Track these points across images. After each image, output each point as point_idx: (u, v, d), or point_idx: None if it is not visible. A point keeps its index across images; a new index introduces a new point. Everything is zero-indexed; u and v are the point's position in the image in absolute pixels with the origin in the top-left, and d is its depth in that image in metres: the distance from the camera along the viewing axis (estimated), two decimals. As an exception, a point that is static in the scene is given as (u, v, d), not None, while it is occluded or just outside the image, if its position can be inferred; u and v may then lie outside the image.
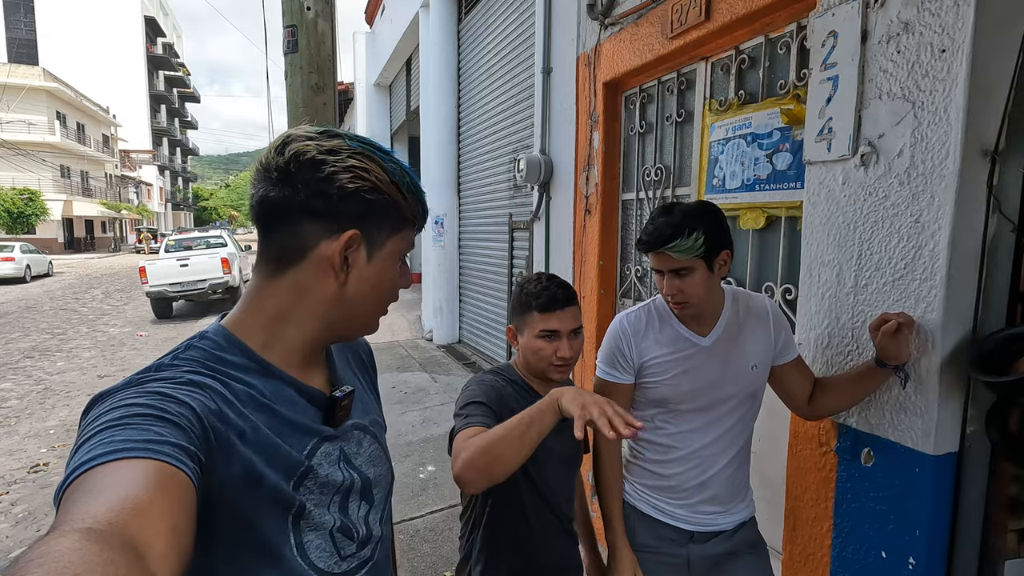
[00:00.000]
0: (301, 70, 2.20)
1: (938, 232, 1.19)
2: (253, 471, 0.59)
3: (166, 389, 0.55)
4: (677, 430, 1.37)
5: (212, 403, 0.58)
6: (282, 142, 0.64)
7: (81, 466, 0.46)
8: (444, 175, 6.23)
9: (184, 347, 0.64)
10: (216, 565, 0.59)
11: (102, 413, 0.52)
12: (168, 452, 0.48)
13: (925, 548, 1.26)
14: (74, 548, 0.35)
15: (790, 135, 1.75)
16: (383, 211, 0.67)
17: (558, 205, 3.18)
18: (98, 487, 0.44)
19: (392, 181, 0.67)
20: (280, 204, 0.64)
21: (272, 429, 0.63)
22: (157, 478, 0.46)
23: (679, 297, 1.28)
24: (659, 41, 2.18)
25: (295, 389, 0.68)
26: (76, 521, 0.39)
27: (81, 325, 9.93)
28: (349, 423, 0.74)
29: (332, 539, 0.68)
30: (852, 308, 1.39)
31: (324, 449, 0.69)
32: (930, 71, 1.20)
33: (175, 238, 12.64)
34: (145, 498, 0.43)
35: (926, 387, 1.23)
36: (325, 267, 0.66)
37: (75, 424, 5.15)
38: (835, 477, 1.45)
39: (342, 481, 0.70)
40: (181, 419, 0.53)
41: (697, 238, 1.22)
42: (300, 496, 0.64)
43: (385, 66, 9.20)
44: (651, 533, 1.41)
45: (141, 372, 0.59)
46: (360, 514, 0.73)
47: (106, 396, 0.55)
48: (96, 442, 0.48)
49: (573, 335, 1.28)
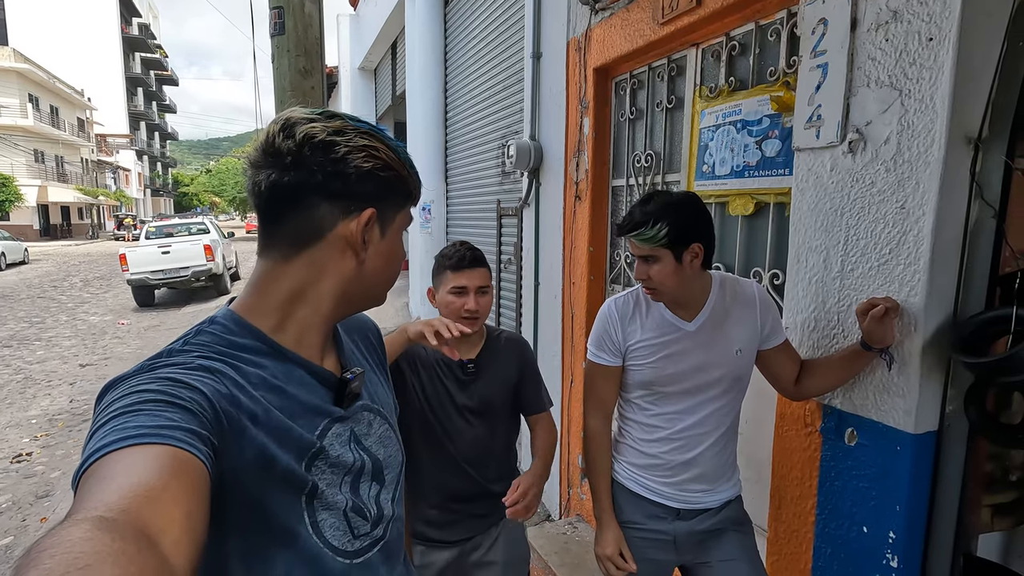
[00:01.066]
0: (288, 53, 2.17)
1: (922, 218, 1.22)
2: (266, 453, 0.60)
3: (177, 375, 0.56)
4: (662, 411, 1.41)
5: (223, 387, 0.58)
6: (285, 124, 0.64)
7: (95, 453, 0.46)
8: (431, 161, 6.17)
9: (194, 332, 0.64)
10: (230, 547, 0.60)
11: (115, 399, 0.52)
12: (180, 437, 0.49)
13: (905, 523, 1.30)
14: (86, 537, 0.35)
15: (779, 122, 1.77)
16: (393, 188, 0.69)
17: (548, 191, 3.18)
18: (111, 474, 0.44)
19: (398, 157, 0.69)
20: (295, 188, 0.64)
21: (283, 411, 0.63)
22: (170, 464, 0.46)
23: (648, 283, 1.33)
24: (650, 27, 2.18)
25: (306, 370, 0.69)
26: (89, 509, 0.39)
27: (60, 313, 9.75)
28: (359, 404, 0.75)
29: (346, 518, 0.69)
30: (838, 293, 1.43)
31: (335, 430, 0.69)
32: (917, 59, 1.22)
33: (156, 224, 12.40)
34: (158, 484, 0.43)
35: (908, 368, 1.27)
36: (343, 246, 0.67)
37: (57, 414, 5.10)
38: (820, 456, 1.50)
39: (353, 462, 0.71)
40: (193, 404, 0.53)
41: (661, 228, 1.25)
42: (312, 476, 0.65)
43: (370, 50, 9.04)
44: (638, 510, 1.45)
45: (152, 358, 0.59)
46: (371, 494, 0.74)
47: (119, 383, 0.55)
48: (109, 429, 0.48)
49: (480, 292, 1.48)
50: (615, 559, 1.40)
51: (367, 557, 0.72)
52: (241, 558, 0.61)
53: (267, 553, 0.62)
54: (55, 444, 4.44)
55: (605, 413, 1.48)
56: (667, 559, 1.45)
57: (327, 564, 0.66)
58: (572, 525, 2.90)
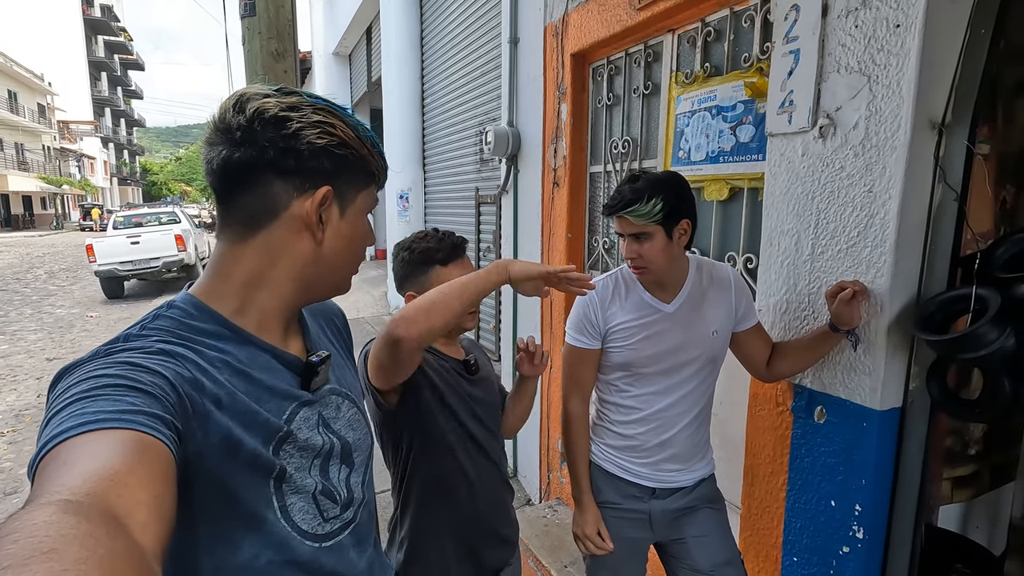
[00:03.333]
0: (260, 35, 2.11)
1: (888, 201, 1.26)
2: (231, 437, 0.59)
3: (137, 359, 0.54)
4: (640, 392, 1.43)
5: (186, 371, 0.57)
6: (238, 100, 0.62)
7: (53, 439, 0.44)
8: (408, 149, 6.11)
9: (152, 317, 0.62)
10: (197, 533, 0.59)
11: (71, 385, 0.50)
12: (143, 422, 0.47)
13: (870, 496, 1.36)
14: (51, 521, 0.34)
15: (753, 108, 1.80)
16: (352, 166, 0.67)
17: (526, 178, 3.18)
18: (73, 459, 0.42)
19: (357, 136, 0.66)
20: (246, 164, 0.62)
21: (249, 395, 0.62)
22: (134, 448, 0.44)
23: (638, 262, 1.34)
24: (626, 12, 2.18)
25: (271, 355, 0.68)
26: (52, 493, 0.38)
27: (24, 306, 9.43)
28: (326, 388, 0.74)
29: (315, 501, 0.69)
30: (809, 275, 1.46)
31: (303, 414, 0.69)
32: (885, 46, 1.25)
33: (124, 214, 12.04)
34: (123, 468, 0.42)
35: (874, 347, 1.31)
36: (299, 226, 0.65)
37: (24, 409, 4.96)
38: (790, 434, 1.54)
39: (321, 445, 0.70)
40: (154, 388, 0.51)
41: (656, 203, 1.27)
42: (280, 460, 0.64)
43: (344, 34, 8.86)
44: (615, 490, 1.48)
45: (108, 343, 0.57)
46: (341, 477, 0.73)
47: (73, 368, 0.53)
48: (67, 415, 0.46)
49: None
50: (593, 538, 1.43)
51: (337, 540, 0.71)
52: (208, 543, 0.60)
53: (232, 537, 0.62)
54: (23, 440, 4.32)
55: (584, 396, 1.50)
56: (643, 537, 1.49)
57: (295, 548, 0.66)
58: (552, 508, 2.94)
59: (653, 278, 1.38)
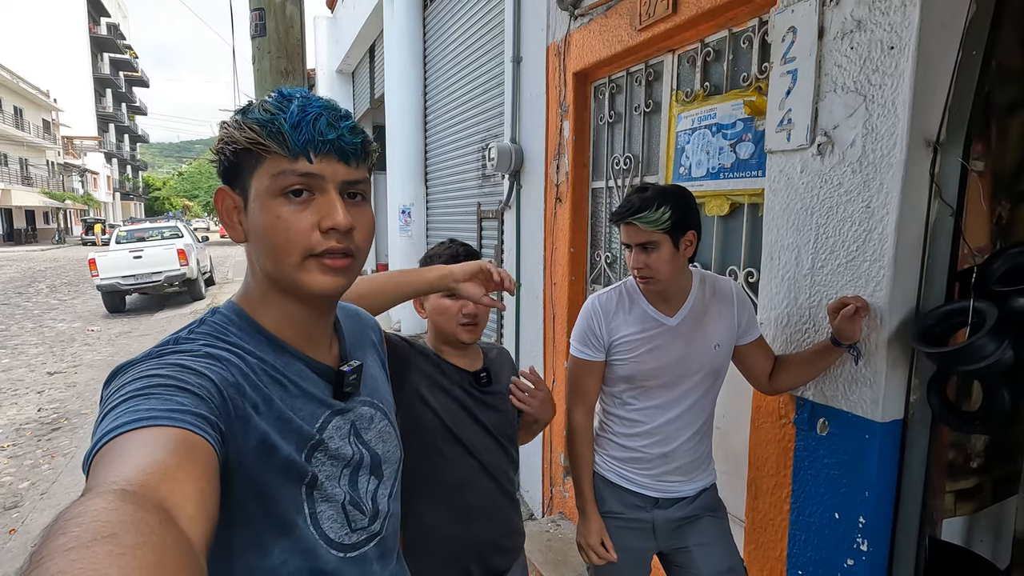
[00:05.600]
0: (270, 54, 2.17)
1: (886, 217, 1.29)
2: (268, 441, 0.61)
3: (186, 361, 0.57)
4: (643, 405, 1.45)
5: (230, 375, 0.59)
6: None
7: (108, 433, 0.47)
8: (410, 164, 6.17)
9: (198, 322, 0.66)
10: (233, 535, 0.61)
11: (125, 383, 0.53)
12: (191, 421, 0.50)
13: (874, 508, 1.37)
14: (110, 507, 0.36)
15: (752, 126, 1.84)
16: (241, 158, 0.64)
17: (529, 193, 3.22)
18: (127, 452, 0.45)
19: (243, 124, 0.62)
20: None
21: (285, 402, 0.65)
22: (183, 445, 0.47)
23: (645, 272, 1.35)
24: (628, 33, 2.24)
25: (304, 363, 0.70)
26: (109, 484, 0.41)
27: (26, 320, 9.45)
28: (359, 399, 0.76)
29: (344, 511, 0.70)
30: (809, 289, 1.49)
31: (335, 423, 0.71)
32: (880, 66, 1.29)
33: (127, 229, 12.11)
34: (173, 463, 0.45)
35: (875, 360, 1.33)
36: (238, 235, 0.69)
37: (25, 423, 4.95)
38: (793, 447, 1.55)
39: (352, 455, 0.72)
40: (201, 390, 0.54)
41: (664, 212, 1.30)
42: (312, 467, 0.66)
43: (348, 52, 8.98)
44: (619, 500, 1.49)
45: (159, 345, 0.61)
46: (369, 488, 0.75)
47: (127, 368, 0.56)
48: (121, 411, 0.49)
49: None
50: (597, 548, 1.44)
51: (363, 551, 0.73)
52: (241, 546, 0.62)
53: (264, 541, 0.63)
54: (23, 454, 4.30)
55: (588, 407, 1.51)
56: (646, 546, 1.50)
57: (321, 556, 0.67)
58: (555, 523, 2.93)
59: (659, 288, 1.39)
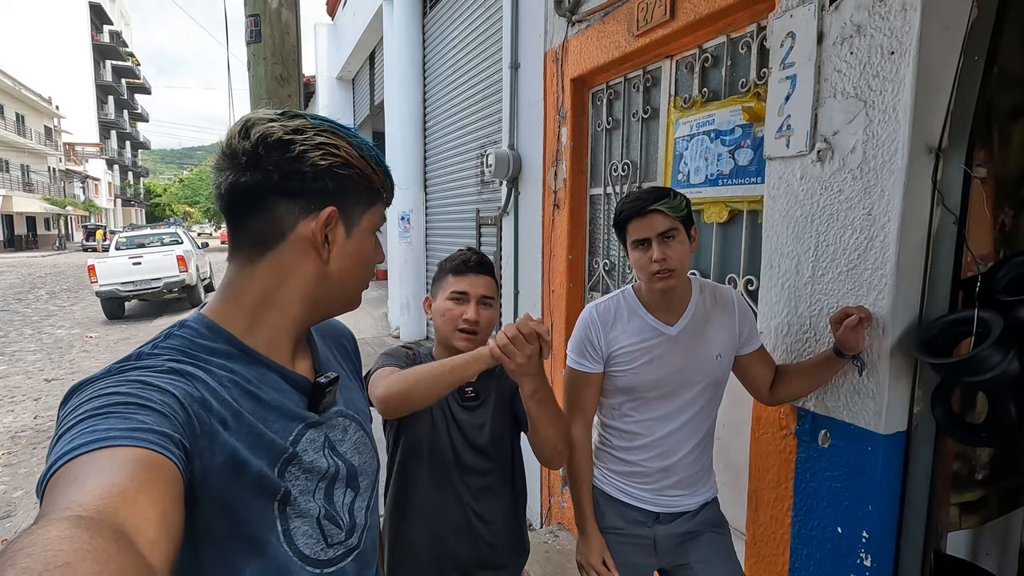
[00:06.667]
0: (265, 60, 2.15)
1: (888, 224, 1.26)
2: (237, 457, 0.59)
3: (147, 377, 0.54)
4: (643, 418, 1.41)
5: (195, 390, 0.57)
6: (244, 126, 0.64)
7: (63, 456, 0.45)
8: (410, 171, 6.16)
9: (164, 336, 0.63)
10: (202, 558, 0.59)
11: (82, 402, 0.51)
12: (153, 440, 0.48)
13: (877, 522, 1.33)
14: (63, 536, 0.35)
15: (751, 132, 1.82)
16: (356, 186, 0.67)
17: (527, 200, 3.21)
18: (83, 475, 0.43)
19: (361, 155, 0.67)
20: (252, 188, 0.63)
21: (256, 416, 0.63)
22: (144, 466, 0.45)
23: (668, 263, 1.28)
24: (625, 39, 2.22)
25: (279, 375, 0.68)
26: (63, 509, 0.38)
27: (24, 327, 9.43)
28: (334, 410, 0.74)
29: (319, 526, 0.68)
30: (810, 297, 1.46)
31: (309, 435, 0.68)
32: (880, 72, 1.27)
33: (127, 235, 12.12)
34: (132, 485, 0.42)
35: (878, 370, 1.31)
36: (306, 247, 0.66)
37: (21, 431, 4.91)
38: (795, 459, 1.52)
39: (327, 468, 0.70)
40: (164, 407, 0.52)
41: (681, 200, 1.31)
42: (285, 482, 0.64)
43: (348, 59, 9.01)
44: (619, 515, 1.46)
45: (120, 361, 0.58)
46: (345, 501, 0.72)
47: (85, 385, 0.54)
48: (78, 431, 0.47)
49: (483, 303, 1.31)
50: (598, 568, 1.40)
51: (340, 567, 0.70)
52: (210, 569, 0.60)
53: (234, 562, 0.61)
54: (18, 462, 4.27)
55: (586, 420, 1.48)
56: (648, 562, 1.46)
57: (296, 574, 0.65)
58: (553, 534, 2.89)
59: (676, 284, 1.32)
